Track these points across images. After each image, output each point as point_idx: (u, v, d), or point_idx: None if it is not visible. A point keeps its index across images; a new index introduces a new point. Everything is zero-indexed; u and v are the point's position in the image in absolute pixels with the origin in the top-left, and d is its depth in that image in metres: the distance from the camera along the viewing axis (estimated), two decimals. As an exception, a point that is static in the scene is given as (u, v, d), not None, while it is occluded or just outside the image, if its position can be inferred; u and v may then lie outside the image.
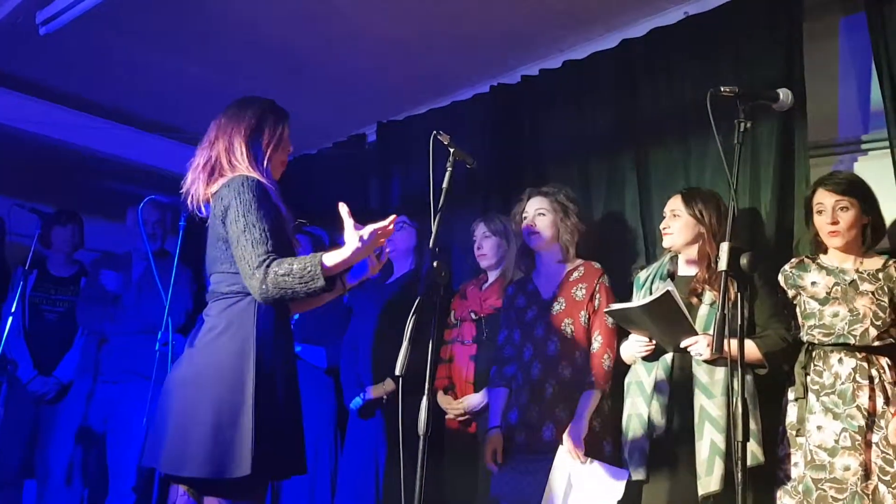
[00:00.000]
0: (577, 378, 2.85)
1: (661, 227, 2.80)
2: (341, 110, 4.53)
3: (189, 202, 2.24)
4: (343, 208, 2.12)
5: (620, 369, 2.86)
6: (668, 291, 2.52)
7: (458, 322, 3.35)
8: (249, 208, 2.05)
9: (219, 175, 2.19)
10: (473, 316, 3.29)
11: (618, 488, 2.62)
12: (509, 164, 3.82)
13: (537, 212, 3.05)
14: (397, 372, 2.03)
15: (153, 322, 3.40)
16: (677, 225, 2.75)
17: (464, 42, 3.77)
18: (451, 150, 2.32)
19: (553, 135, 3.70)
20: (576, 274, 3.00)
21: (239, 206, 2.06)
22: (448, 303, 3.39)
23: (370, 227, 2.07)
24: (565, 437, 2.74)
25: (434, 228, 2.21)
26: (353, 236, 2.07)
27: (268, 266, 2.00)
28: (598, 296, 2.92)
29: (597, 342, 2.87)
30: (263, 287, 1.99)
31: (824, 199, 2.60)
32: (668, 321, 2.57)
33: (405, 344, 2.05)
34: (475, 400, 3.16)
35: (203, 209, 2.23)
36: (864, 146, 3.08)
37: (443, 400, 3.24)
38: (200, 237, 2.31)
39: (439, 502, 3.17)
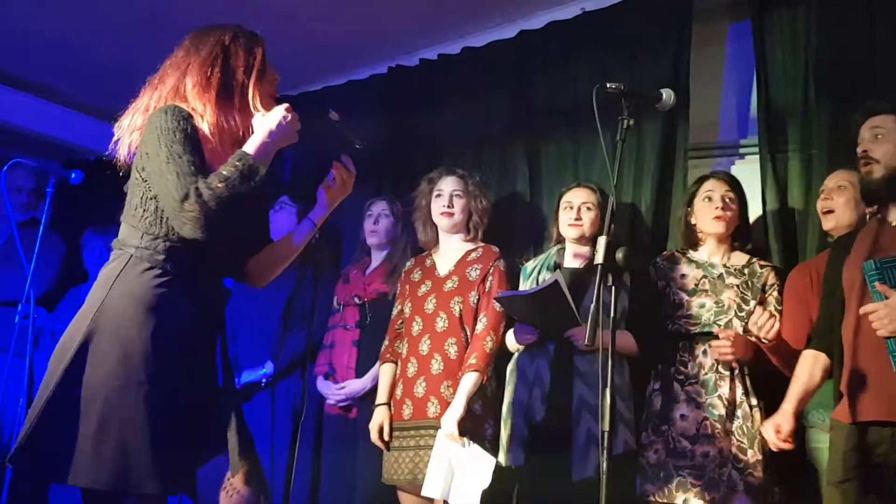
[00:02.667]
0: (462, 357, 2.87)
1: (574, 218, 2.83)
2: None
3: (119, 153, 1.91)
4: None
5: (508, 355, 2.89)
6: (556, 281, 2.56)
7: (340, 307, 3.31)
8: (168, 139, 1.74)
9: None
10: (357, 300, 3.26)
11: (488, 474, 2.65)
12: (403, 147, 3.79)
13: (454, 192, 3.04)
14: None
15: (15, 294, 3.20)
16: (590, 216, 2.81)
17: (363, 21, 3.70)
18: (342, 129, 2.26)
19: (448, 120, 3.70)
20: (474, 255, 3.02)
21: (159, 136, 1.75)
22: (331, 288, 3.35)
23: (279, 107, 1.87)
24: (443, 419, 2.75)
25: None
26: (259, 116, 1.87)
27: (197, 187, 1.70)
28: (490, 278, 2.94)
29: (481, 323, 2.89)
30: (199, 206, 1.68)
31: (714, 188, 2.71)
32: (553, 310, 2.61)
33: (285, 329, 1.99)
34: (357, 385, 3.13)
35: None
36: (741, 150, 3.23)
37: (322, 385, 3.20)
38: (72, 202, 2.10)
39: (321, 489, 3.14)
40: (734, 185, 2.72)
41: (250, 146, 1.80)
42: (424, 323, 2.96)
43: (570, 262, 2.86)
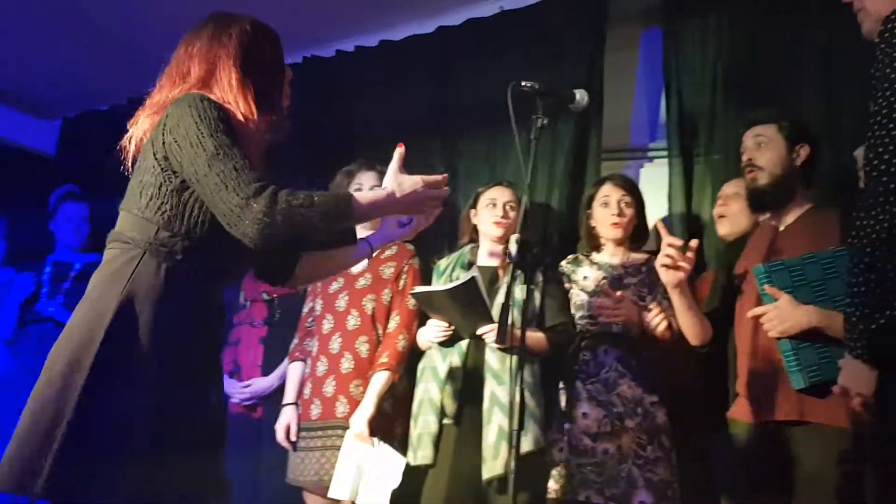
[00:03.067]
0: (374, 356, 2.82)
1: (501, 216, 2.82)
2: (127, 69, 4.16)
3: (126, 147, 1.72)
4: (398, 150, 1.76)
5: (420, 353, 2.86)
6: (473, 278, 2.55)
7: (247, 303, 3.21)
8: (216, 130, 1.55)
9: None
10: (265, 297, 3.18)
11: (397, 474, 2.63)
12: (318, 139, 3.71)
13: (374, 188, 2.98)
14: None
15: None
16: (515, 215, 2.81)
17: (278, 9, 3.59)
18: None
19: (364, 113, 3.66)
20: (388, 252, 2.97)
21: (199, 125, 1.54)
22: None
23: (417, 178, 1.69)
24: (352, 419, 2.70)
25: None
26: (393, 180, 1.67)
27: (274, 192, 1.49)
28: (404, 276, 2.91)
29: (394, 322, 2.86)
30: (268, 218, 1.47)
31: (611, 193, 2.76)
32: (468, 308, 2.60)
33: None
34: (263, 384, 3.06)
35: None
36: (650, 154, 3.31)
37: (226, 384, 3.10)
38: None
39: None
40: (630, 189, 2.77)
41: (365, 198, 1.62)
42: (336, 321, 2.90)
43: (485, 260, 2.86)
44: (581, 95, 2.15)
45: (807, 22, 2.74)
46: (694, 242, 2.18)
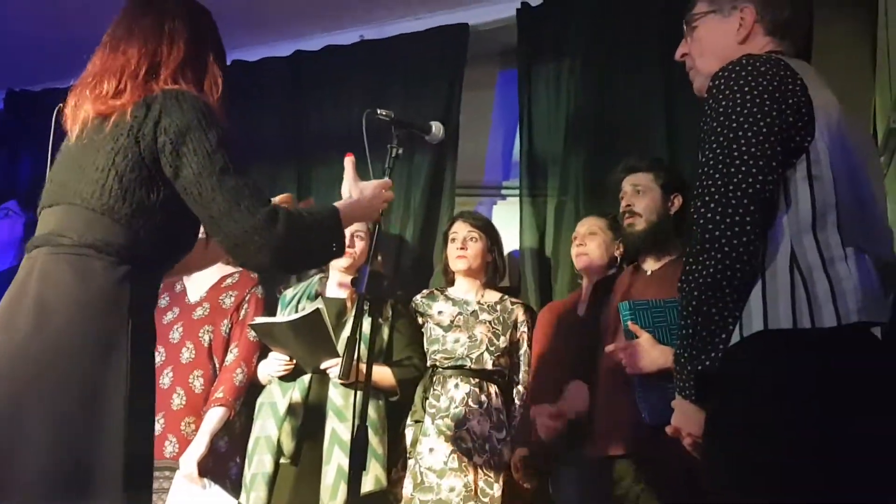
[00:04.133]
0: (209, 391, 2.65)
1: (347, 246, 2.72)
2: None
3: (64, 120, 1.53)
4: (349, 158, 1.78)
5: (259, 388, 2.71)
6: (318, 309, 2.46)
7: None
8: (225, 142, 1.45)
9: (139, 87, 1.49)
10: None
11: None
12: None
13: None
14: None
15: None
16: (361, 245, 2.73)
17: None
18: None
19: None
20: (229, 280, 2.81)
21: (209, 134, 1.43)
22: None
23: (375, 182, 1.75)
24: (181, 458, 2.51)
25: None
26: (354, 188, 1.72)
27: (287, 214, 1.44)
28: (246, 306, 2.76)
29: (232, 355, 2.70)
30: (283, 242, 1.42)
31: (459, 229, 2.81)
32: (312, 341, 2.51)
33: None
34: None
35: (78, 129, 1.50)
36: (503, 191, 3.36)
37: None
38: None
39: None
40: (480, 226, 2.81)
41: (342, 209, 1.60)
42: (167, 354, 2.69)
43: (334, 291, 2.77)
44: (437, 128, 2.13)
45: (649, 70, 2.88)
46: None
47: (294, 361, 2.61)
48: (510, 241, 2.94)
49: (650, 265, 2.31)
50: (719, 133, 1.37)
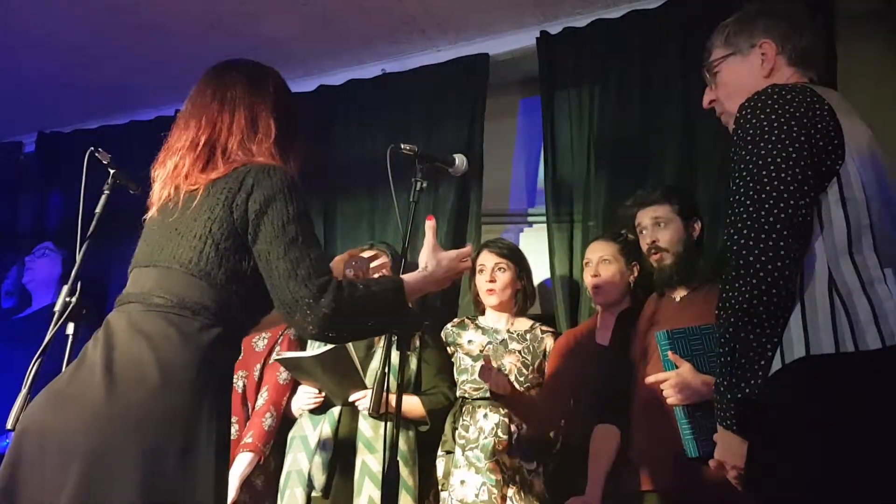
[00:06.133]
0: (243, 436, 2.64)
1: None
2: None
3: (154, 197, 1.63)
4: (430, 223, 1.78)
5: (291, 422, 2.71)
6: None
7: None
8: (302, 216, 1.54)
9: (223, 161, 1.59)
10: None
11: None
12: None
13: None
14: (9, 426, 1.68)
15: None
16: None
17: (149, 60, 3.46)
18: (111, 172, 2.06)
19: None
20: (263, 323, 2.81)
21: (289, 207, 1.52)
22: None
23: (452, 253, 1.74)
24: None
25: (78, 258, 1.92)
26: (431, 258, 1.72)
27: (339, 286, 1.49)
28: (278, 348, 2.76)
29: (262, 399, 2.69)
30: (334, 315, 1.47)
31: (486, 260, 2.76)
32: (339, 373, 2.51)
33: (23, 391, 1.71)
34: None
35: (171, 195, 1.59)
36: (529, 218, 3.35)
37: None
38: None
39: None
40: (508, 254, 2.77)
41: (410, 281, 1.64)
42: None
43: (362, 323, 2.76)
44: (460, 160, 2.14)
45: (671, 96, 2.87)
46: None
47: (323, 394, 2.61)
48: (538, 267, 2.92)
49: (679, 292, 2.29)
50: (749, 161, 1.37)
